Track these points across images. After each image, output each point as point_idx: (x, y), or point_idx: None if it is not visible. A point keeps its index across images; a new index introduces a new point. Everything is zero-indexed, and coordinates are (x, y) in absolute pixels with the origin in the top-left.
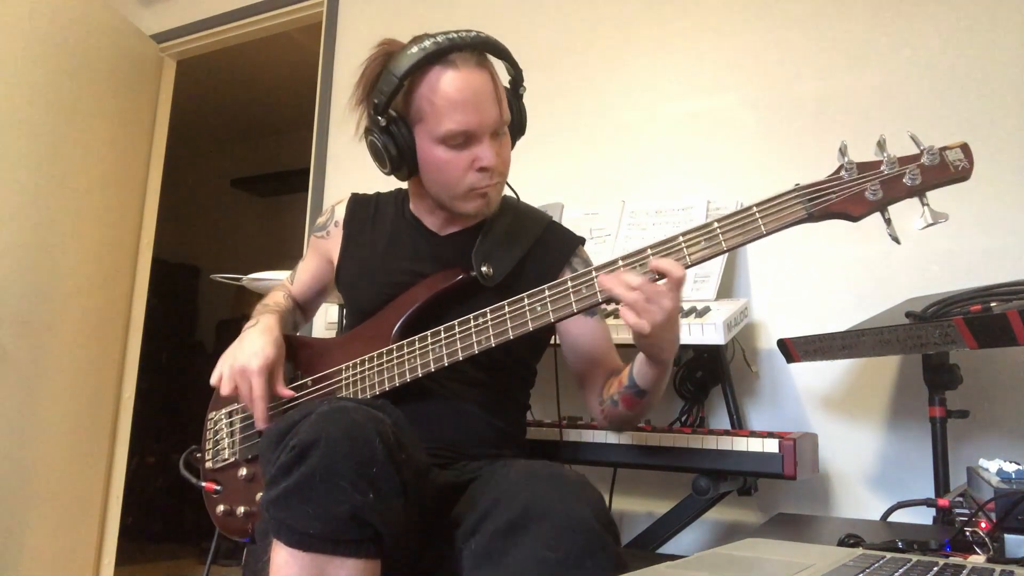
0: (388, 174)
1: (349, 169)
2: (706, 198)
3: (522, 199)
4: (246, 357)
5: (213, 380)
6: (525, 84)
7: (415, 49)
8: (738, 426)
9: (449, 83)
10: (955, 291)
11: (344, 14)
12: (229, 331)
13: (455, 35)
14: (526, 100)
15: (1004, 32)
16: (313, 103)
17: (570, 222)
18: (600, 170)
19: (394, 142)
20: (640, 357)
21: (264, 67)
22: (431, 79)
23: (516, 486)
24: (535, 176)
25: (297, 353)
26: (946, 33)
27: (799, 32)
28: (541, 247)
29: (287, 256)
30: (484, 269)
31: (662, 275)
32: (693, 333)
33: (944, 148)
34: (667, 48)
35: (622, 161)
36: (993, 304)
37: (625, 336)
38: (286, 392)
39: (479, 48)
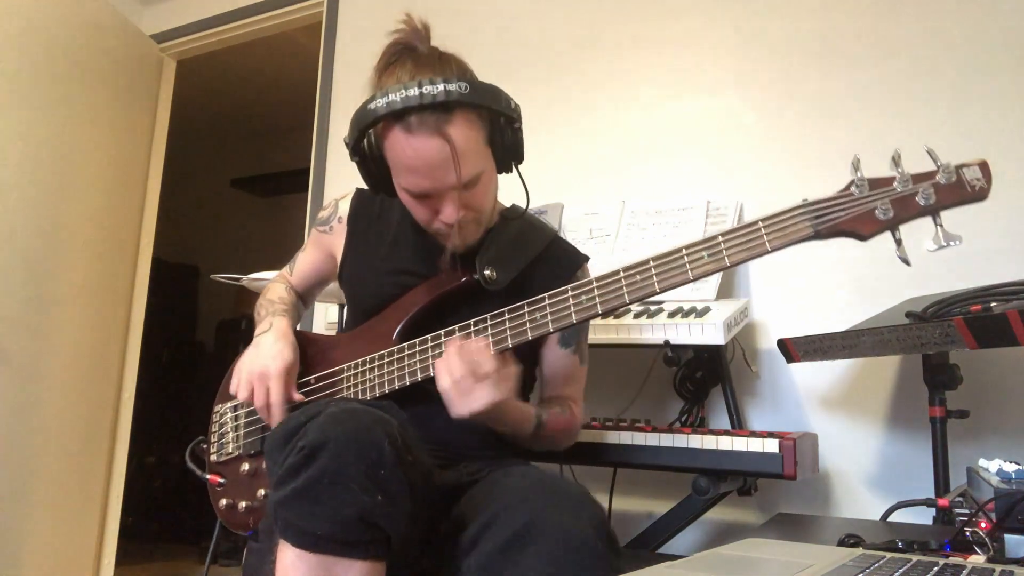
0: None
1: (349, 169)
2: (706, 198)
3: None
4: (265, 361)
5: (232, 389)
6: (527, 86)
7: (373, 106)
8: (738, 426)
9: (402, 148)
10: (955, 291)
11: (344, 14)
12: (229, 331)
13: (415, 93)
14: (527, 98)
15: (1007, 33)
16: (313, 103)
17: (570, 222)
18: (600, 170)
19: (370, 177)
20: None
21: (264, 67)
22: (390, 138)
23: (516, 499)
24: (535, 176)
25: (302, 350)
26: (948, 33)
27: (800, 32)
28: (545, 261)
29: (287, 256)
30: (487, 273)
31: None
32: (693, 333)
33: (961, 165)
34: (668, 48)
35: (622, 161)
36: (993, 304)
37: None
38: (300, 398)
39: (442, 108)
